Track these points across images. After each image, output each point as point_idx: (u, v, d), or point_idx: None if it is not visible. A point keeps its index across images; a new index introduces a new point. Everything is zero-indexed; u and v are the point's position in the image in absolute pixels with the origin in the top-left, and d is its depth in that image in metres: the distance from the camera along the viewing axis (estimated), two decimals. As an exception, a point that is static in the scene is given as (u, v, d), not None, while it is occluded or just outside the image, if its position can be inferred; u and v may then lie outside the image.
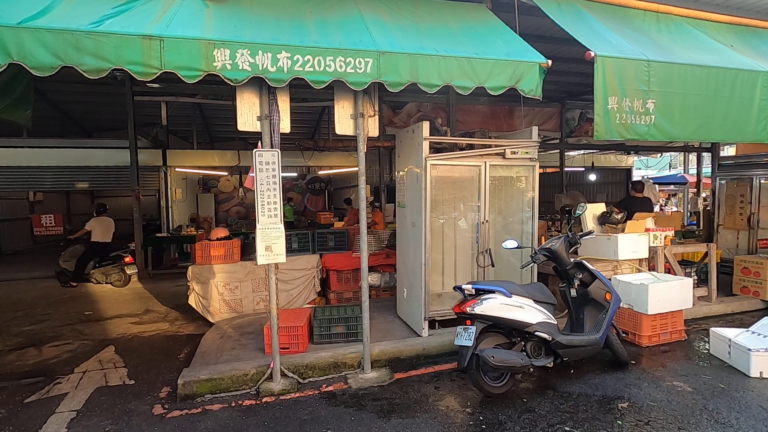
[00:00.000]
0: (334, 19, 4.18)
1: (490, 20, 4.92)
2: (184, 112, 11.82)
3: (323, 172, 15.18)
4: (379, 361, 4.46)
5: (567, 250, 4.29)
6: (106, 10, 3.46)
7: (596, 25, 4.92)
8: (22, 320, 6.39)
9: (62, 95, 10.87)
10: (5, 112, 4.94)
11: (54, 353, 5.07)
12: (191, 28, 3.47)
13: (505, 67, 4.06)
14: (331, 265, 6.46)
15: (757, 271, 6.14)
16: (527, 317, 3.76)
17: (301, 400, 3.81)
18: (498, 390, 3.71)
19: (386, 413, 3.54)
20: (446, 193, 5.22)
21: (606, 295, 4.23)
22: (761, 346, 4.08)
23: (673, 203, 19.15)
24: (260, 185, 3.85)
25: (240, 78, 3.46)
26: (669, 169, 24.98)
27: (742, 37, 5.80)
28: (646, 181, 13.99)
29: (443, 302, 5.13)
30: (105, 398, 3.94)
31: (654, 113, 4.47)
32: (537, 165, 5.17)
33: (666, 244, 5.95)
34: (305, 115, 13.22)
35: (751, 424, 3.28)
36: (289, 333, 4.48)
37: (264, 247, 3.86)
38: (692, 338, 5.07)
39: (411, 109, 8.80)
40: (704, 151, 11.84)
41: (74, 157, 10.29)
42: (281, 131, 3.94)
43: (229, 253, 6.12)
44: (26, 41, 3.03)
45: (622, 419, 3.38)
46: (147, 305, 7.17)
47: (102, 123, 13.13)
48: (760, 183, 7.30)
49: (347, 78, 3.67)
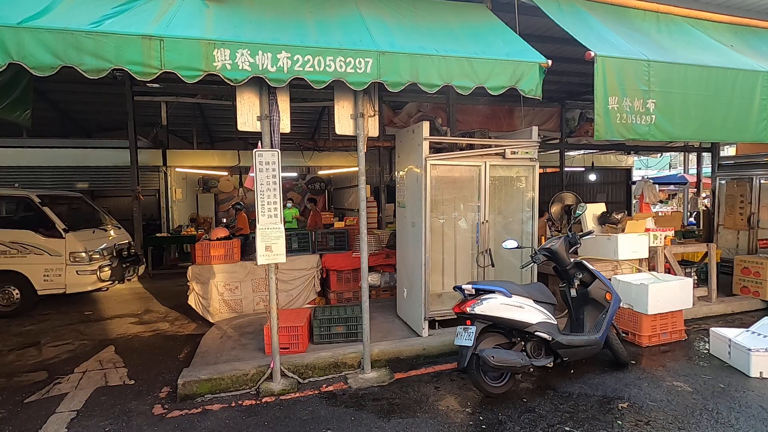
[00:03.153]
0: (334, 18, 4.18)
1: (490, 20, 4.92)
2: (184, 112, 11.81)
3: (323, 172, 15.17)
4: (379, 361, 4.46)
5: (567, 250, 4.29)
6: (106, 10, 3.46)
7: (596, 25, 4.92)
8: (22, 320, 6.39)
9: (62, 95, 10.85)
10: (5, 112, 4.94)
11: (54, 353, 5.07)
12: (191, 28, 3.47)
13: (505, 67, 4.06)
14: (331, 265, 6.46)
15: (757, 271, 6.14)
16: (527, 317, 3.76)
17: (301, 400, 3.81)
18: (498, 390, 3.71)
19: (386, 413, 3.54)
20: (446, 193, 5.22)
21: (606, 295, 4.23)
22: (761, 346, 4.08)
23: (673, 203, 19.15)
24: (260, 185, 3.85)
25: (240, 78, 3.46)
26: (669, 169, 24.98)
27: (742, 37, 5.80)
28: (646, 181, 14.00)
29: (443, 302, 5.13)
30: (105, 398, 3.94)
31: (654, 113, 4.47)
32: (537, 165, 5.18)
33: (666, 244, 5.95)
34: (305, 115, 13.20)
35: (751, 424, 3.28)
36: (289, 333, 4.48)
37: (264, 247, 3.86)
38: (692, 338, 5.07)
39: (411, 109, 8.80)
40: (704, 151, 11.84)
41: (74, 157, 10.30)
42: (281, 131, 3.94)
43: (229, 253, 6.12)
44: (26, 41, 3.03)
45: (622, 419, 3.38)
46: (147, 305, 7.17)
47: (102, 123, 13.12)
48: (760, 183, 7.31)
49: (347, 78, 3.67)
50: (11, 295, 6.61)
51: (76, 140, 11.14)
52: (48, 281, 6.63)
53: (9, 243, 6.53)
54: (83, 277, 6.71)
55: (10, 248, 6.52)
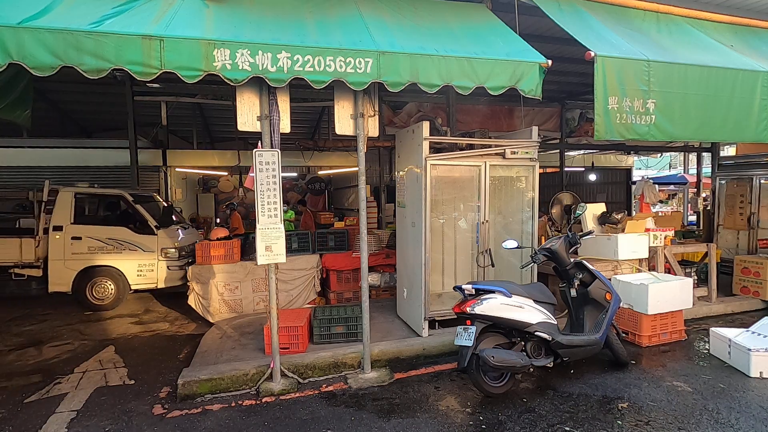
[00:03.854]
0: (334, 19, 4.18)
1: (490, 20, 4.92)
2: (184, 112, 11.80)
3: (323, 172, 15.16)
4: (379, 361, 4.46)
5: (567, 250, 4.29)
6: (106, 10, 3.46)
7: (596, 25, 4.92)
8: (22, 320, 6.39)
9: (62, 95, 10.84)
10: (5, 112, 4.95)
11: (54, 353, 5.07)
12: (191, 28, 3.47)
13: (505, 67, 4.06)
14: (331, 265, 6.46)
15: (757, 271, 6.14)
16: (527, 317, 3.76)
17: (301, 400, 3.81)
18: (498, 390, 3.71)
19: (386, 413, 3.54)
20: (446, 193, 5.22)
21: (606, 295, 4.23)
22: (761, 346, 4.08)
23: (673, 203, 19.15)
24: (260, 185, 3.85)
25: (240, 78, 3.46)
26: (669, 169, 24.98)
27: (742, 37, 5.80)
28: (646, 181, 14.00)
29: (443, 302, 5.13)
30: (105, 398, 3.94)
31: (654, 113, 4.47)
32: (537, 165, 5.18)
33: (666, 244, 5.95)
34: (305, 115, 13.19)
35: (751, 424, 3.28)
36: (289, 333, 4.48)
37: (264, 247, 3.86)
38: (692, 338, 5.07)
39: (411, 109, 8.80)
40: (704, 151, 11.83)
41: (74, 157, 10.27)
42: (281, 131, 3.94)
43: (229, 253, 6.12)
44: (26, 41, 3.03)
45: (622, 419, 3.38)
46: (147, 305, 7.17)
47: (102, 123, 13.10)
48: (760, 183, 7.30)
49: (347, 78, 3.67)
50: (106, 289, 6.84)
51: (76, 140, 11.12)
52: (141, 276, 6.90)
53: (106, 239, 6.81)
54: (173, 272, 6.96)
55: (107, 244, 6.80)
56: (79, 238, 6.74)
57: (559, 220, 6.58)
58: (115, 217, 7.49)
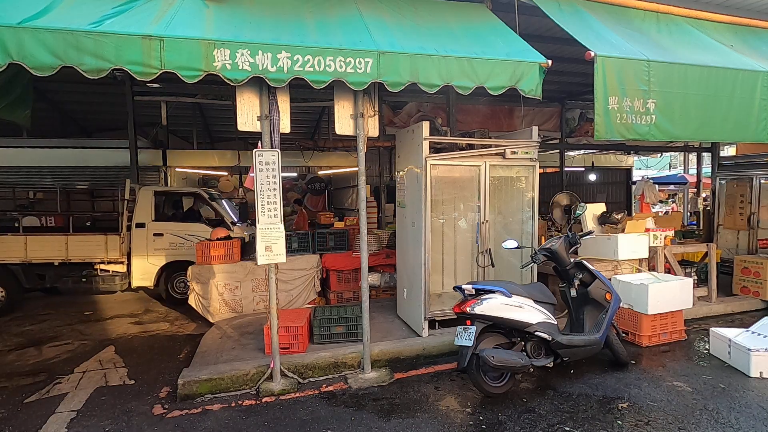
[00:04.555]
0: (334, 19, 4.18)
1: (490, 20, 4.92)
2: (184, 112, 11.80)
3: (323, 172, 15.16)
4: (379, 361, 4.46)
5: (567, 250, 4.29)
6: (106, 10, 3.46)
7: (596, 25, 4.92)
8: (22, 320, 6.39)
9: (62, 95, 10.84)
10: (5, 112, 4.95)
11: (54, 353, 5.07)
12: (191, 28, 3.47)
13: (505, 67, 4.06)
14: (331, 265, 6.46)
15: (757, 271, 6.14)
16: (527, 317, 3.76)
17: (301, 400, 3.81)
18: (498, 390, 3.71)
19: (386, 413, 3.54)
20: (446, 193, 5.22)
21: (606, 295, 4.23)
22: (761, 346, 4.08)
23: (673, 202, 19.14)
24: (260, 185, 3.85)
25: (240, 78, 3.46)
26: (669, 169, 24.97)
27: (742, 37, 5.80)
28: (646, 181, 14.00)
29: (443, 302, 5.13)
30: (105, 398, 3.94)
31: (654, 113, 4.47)
32: (537, 165, 5.17)
33: (666, 244, 5.95)
34: (305, 115, 13.19)
35: (751, 424, 3.28)
36: (289, 333, 4.48)
37: (264, 247, 3.86)
38: (692, 338, 5.07)
39: (411, 109, 8.80)
40: (704, 151, 11.82)
41: (74, 157, 10.26)
42: (281, 131, 3.94)
43: (229, 253, 6.12)
44: (26, 41, 3.03)
45: (622, 419, 3.38)
46: (147, 305, 7.17)
47: (102, 123, 13.10)
48: (760, 183, 7.30)
49: (347, 78, 3.67)
50: (185, 284, 6.90)
51: (76, 140, 11.11)
52: None
53: (186, 235, 7.03)
54: None
55: (187, 240, 7.00)
56: (160, 235, 6.92)
57: (560, 222, 6.59)
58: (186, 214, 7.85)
